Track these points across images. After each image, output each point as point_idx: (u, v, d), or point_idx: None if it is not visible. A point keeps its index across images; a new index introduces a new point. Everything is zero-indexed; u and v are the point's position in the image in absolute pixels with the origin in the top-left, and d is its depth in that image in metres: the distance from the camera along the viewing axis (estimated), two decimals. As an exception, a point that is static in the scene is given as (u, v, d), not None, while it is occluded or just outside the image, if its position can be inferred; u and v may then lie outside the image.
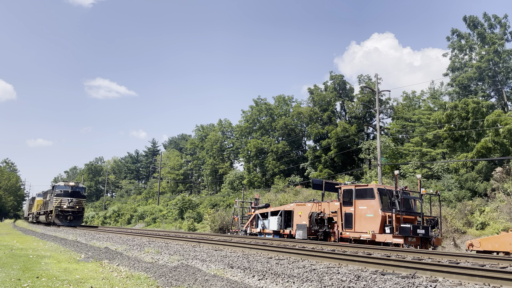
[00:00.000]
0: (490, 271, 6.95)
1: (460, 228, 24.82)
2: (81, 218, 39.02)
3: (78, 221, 38.21)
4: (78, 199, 38.13)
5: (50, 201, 38.87)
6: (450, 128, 32.95)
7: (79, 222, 38.64)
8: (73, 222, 37.11)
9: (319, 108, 51.93)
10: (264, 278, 7.15)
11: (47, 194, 43.78)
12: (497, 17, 40.84)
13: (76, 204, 37.65)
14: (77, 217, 37.84)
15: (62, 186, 38.30)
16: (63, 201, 36.98)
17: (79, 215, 38.18)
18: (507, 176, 27.07)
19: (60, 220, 36.36)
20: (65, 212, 36.79)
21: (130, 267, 9.26)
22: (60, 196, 37.18)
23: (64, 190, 37.65)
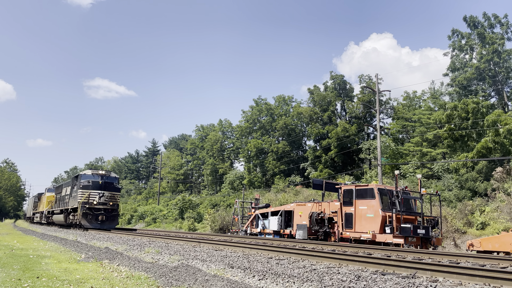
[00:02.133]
0: (490, 271, 6.94)
1: (460, 228, 24.81)
2: (116, 218, 29.48)
3: (113, 222, 28.84)
4: (112, 192, 28.88)
5: (71, 195, 30.19)
6: (450, 128, 32.94)
7: (114, 224, 29.13)
8: (105, 223, 28.02)
9: (319, 108, 51.93)
10: (265, 278, 7.14)
11: (62, 188, 35.30)
12: (497, 17, 40.83)
13: (109, 199, 28.46)
14: (111, 217, 28.51)
15: (90, 175, 29.06)
16: (92, 195, 27.91)
17: (113, 214, 28.76)
18: (507, 176, 27.06)
19: (88, 221, 27.32)
20: (95, 210, 27.65)
21: (131, 267, 9.26)
22: (88, 188, 28.01)
23: (93, 181, 28.46)
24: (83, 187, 28.14)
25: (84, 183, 28.37)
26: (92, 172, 29.43)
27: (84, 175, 29.16)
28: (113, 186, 29.21)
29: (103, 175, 29.39)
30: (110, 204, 28.36)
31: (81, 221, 27.33)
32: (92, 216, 27.58)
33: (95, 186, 28.32)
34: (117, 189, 29.64)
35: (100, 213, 27.77)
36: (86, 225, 27.39)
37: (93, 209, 27.67)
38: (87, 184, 28.32)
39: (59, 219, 34.08)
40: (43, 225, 42.85)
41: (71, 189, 30.69)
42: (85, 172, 29.70)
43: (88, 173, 29.34)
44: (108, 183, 29.01)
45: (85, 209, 27.39)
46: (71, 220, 30.22)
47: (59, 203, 35.09)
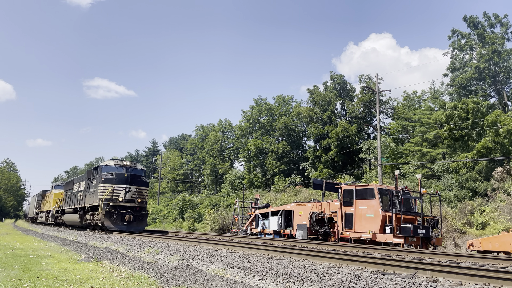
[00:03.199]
0: (490, 271, 6.94)
1: (460, 228, 24.81)
2: (145, 218, 24.41)
3: (141, 223, 23.94)
4: (139, 187, 23.97)
5: (88, 191, 25.61)
6: (450, 128, 32.94)
7: (143, 225, 24.22)
8: (133, 224, 23.26)
9: (319, 108, 51.95)
10: (265, 278, 7.14)
11: (74, 183, 30.61)
12: (498, 17, 40.81)
13: (137, 195, 23.63)
14: (139, 217, 23.60)
15: (112, 167, 24.12)
16: (117, 190, 23.10)
17: (142, 214, 23.79)
18: (507, 176, 27.06)
19: (113, 221, 22.54)
20: (120, 208, 22.81)
21: (131, 267, 9.26)
22: (111, 182, 23.23)
23: (116, 174, 23.61)
24: (105, 181, 23.19)
25: (106, 176, 23.37)
26: (115, 163, 24.37)
27: (106, 167, 23.99)
28: (140, 180, 24.23)
29: (128, 167, 24.35)
30: (138, 201, 23.32)
31: (103, 221, 22.32)
32: (117, 216, 22.52)
33: (119, 179, 23.32)
34: (145, 184, 24.57)
35: (126, 212, 22.76)
36: (109, 227, 22.40)
37: (118, 207, 22.64)
38: (110, 177, 23.33)
39: (72, 220, 29.10)
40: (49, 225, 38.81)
41: (88, 183, 25.87)
42: (106, 163, 24.34)
43: (110, 164, 24.20)
44: (135, 176, 24.03)
45: (108, 207, 22.40)
46: (88, 220, 25.25)
47: (70, 200, 30.40)
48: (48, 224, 40.61)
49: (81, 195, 27.42)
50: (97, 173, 24.45)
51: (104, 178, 23.40)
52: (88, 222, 25.42)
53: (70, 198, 30.70)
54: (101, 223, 22.87)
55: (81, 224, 27.15)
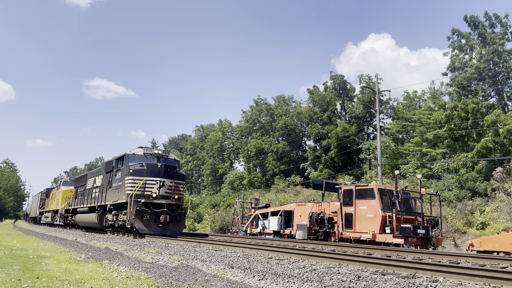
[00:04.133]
0: (490, 271, 6.94)
1: (460, 228, 24.82)
2: (183, 219, 20.30)
3: (179, 224, 19.76)
4: (175, 181, 19.76)
5: (110, 186, 21.45)
6: (450, 128, 32.96)
7: (181, 227, 19.99)
8: (169, 226, 19.19)
9: (319, 108, 51.98)
10: (265, 278, 7.14)
11: (87, 178, 26.76)
12: (498, 16, 40.81)
13: (173, 191, 19.49)
14: (177, 217, 19.49)
15: (141, 156, 20.13)
16: (150, 184, 18.98)
17: (179, 213, 19.68)
18: (507, 176, 27.07)
19: (145, 222, 18.48)
20: (154, 206, 18.75)
21: (131, 267, 9.26)
22: (141, 174, 19.09)
23: (148, 164, 19.48)
24: (134, 173, 19.02)
25: (135, 167, 19.21)
26: (144, 152, 20.26)
27: (133, 156, 19.94)
28: (176, 172, 20.02)
29: (159, 156, 20.41)
30: (175, 197, 19.21)
31: (133, 223, 18.15)
32: (151, 216, 18.47)
33: (152, 171, 19.18)
34: (181, 176, 20.33)
35: (161, 212, 18.67)
36: (141, 229, 18.28)
37: (151, 205, 18.58)
38: (139, 168, 19.18)
39: (88, 220, 24.76)
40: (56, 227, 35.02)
41: (108, 177, 21.92)
42: (133, 152, 20.21)
43: (138, 153, 20.15)
44: (170, 167, 19.81)
45: (139, 205, 18.25)
46: (111, 221, 20.97)
47: (83, 198, 26.49)
48: (54, 225, 36.64)
49: (97, 192, 23.55)
50: (123, 164, 20.25)
51: (133, 170, 19.06)
52: (111, 223, 21.10)
53: (83, 195, 26.77)
54: (130, 224, 18.45)
55: (101, 225, 22.78)
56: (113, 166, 21.72)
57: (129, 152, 20.40)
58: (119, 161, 21.12)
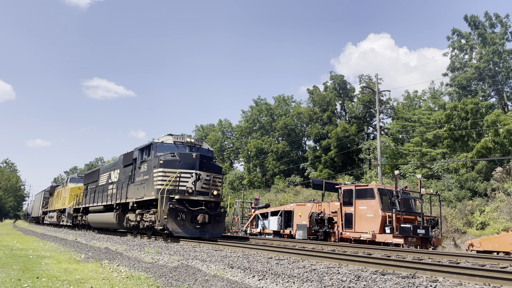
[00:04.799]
0: (490, 271, 6.95)
1: (460, 228, 24.83)
2: (223, 219, 17.38)
3: (218, 225, 16.86)
4: (213, 175, 16.98)
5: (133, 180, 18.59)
6: (450, 128, 32.98)
7: (220, 229, 17.05)
8: (208, 228, 16.31)
9: (319, 108, 52.01)
10: (264, 278, 7.14)
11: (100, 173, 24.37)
12: (499, 16, 40.79)
13: (211, 185, 16.74)
14: (216, 217, 16.63)
15: (171, 145, 17.40)
16: (184, 177, 16.22)
17: (219, 213, 16.77)
18: (507, 176, 27.08)
19: (179, 223, 15.65)
20: (190, 204, 15.90)
21: (130, 267, 9.26)
22: (173, 166, 16.32)
23: (181, 154, 16.63)
24: (165, 164, 16.20)
25: (166, 158, 16.34)
26: (174, 140, 17.49)
27: (162, 145, 17.19)
28: (212, 164, 17.22)
29: (192, 145, 17.74)
30: (213, 193, 16.36)
31: (166, 223, 15.33)
32: (186, 216, 15.57)
33: (186, 162, 16.28)
34: (218, 169, 17.50)
35: (199, 210, 15.76)
36: (176, 231, 15.41)
37: (187, 202, 15.69)
38: (171, 158, 16.34)
39: (104, 221, 21.78)
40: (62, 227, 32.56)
41: (132, 170, 18.99)
42: (162, 140, 17.46)
43: (168, 142, 17.40)
44: (206, 158, 16.97)
45: (172, 202, 15.38)
46: (134, 222, 18.06)
47: (96, 196, 23.94)
48: (60, 226, 33.95)
49: (113, 188, 21.04)
50: (149, 154, 17.49)
51: (164, 161, 16.23)
52: (134, 224, 18.22)
53: (95, 193, 24.35)
54: (161, 225, 15.61)
55: (120, 226, 19.91)
56: (135, 158, 18.87)
57: (157, 140, 17.53)
58: (145, 151, 18.08)
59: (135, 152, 19.20)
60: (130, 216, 18.70)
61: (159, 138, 17.81)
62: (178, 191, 15.91)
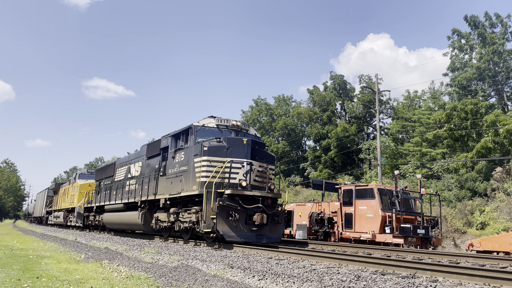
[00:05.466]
0: (490, 271, 6.95)
1: (460, 228, 24.84)
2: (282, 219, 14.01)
3: (276, 228, 13.77)
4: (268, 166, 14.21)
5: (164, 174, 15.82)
6: (450, 128, 33.00)
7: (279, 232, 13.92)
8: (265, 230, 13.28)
9: (319, 108, 52.03)
10: (264, 278, 7.15)
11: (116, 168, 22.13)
12: (499, 16, 40.77)
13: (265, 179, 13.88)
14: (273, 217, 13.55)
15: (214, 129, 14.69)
16: (235, 167, 13.31)
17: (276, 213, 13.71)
18: (507, 176, 27.09)
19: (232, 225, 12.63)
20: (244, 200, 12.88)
21: (130, 267, 9.26)
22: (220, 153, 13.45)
23: (230, 140, 13.74)
24: (211, 151, 13.34)
25: (211, 144, 13.54)
26: (217, 123, 14.70)
27: (203, 129, 14.39)
28: (265, 153, 14.44)
29: (238, 129, 14.92)
30: (270, 188, 13.54)
31: (216, 225, 12.40)
32: (240, 215, 12.69)
33: (235, 149, 13.44)
34: (271, 159, 14.63)
35: (255, 209, 12.86)
36: (227, 234, 12.47)
37: (240, 198, 12.78)
38: (218, 144, 13.55)
39: (125, 221, 19.09)
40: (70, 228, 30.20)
41: (162, 161, 16.26)
42: (203, 123, 14.62)
43: (210, 125, 14.62)
44: (259, 145, 14.22)
45: (222, 198, 12.57)
46: (167, 222, 15.34)
47: (112, 193, 21.45)
48: (68, 227, 31.42)
49: (135, 184, 18.57)
50: (187, 140, 14.63)
51: (209, 147, 13.35)
52: (166, 225, 15.41)
53: (111, 189, 21.87)
54: (207, 227, 12.62)
55: (146, 228, 17.21)
56: (165, 146, 16.18)
57: (196, 123, 14.55)
58: (181, 137, 15.13)
59: (163, 140, 16.53)
60: (160, 216, 15.94)
61: (199, 121, 14.74)
62: (228, 184, 12.88)
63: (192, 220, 13.69)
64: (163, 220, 15.83)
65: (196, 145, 13.94)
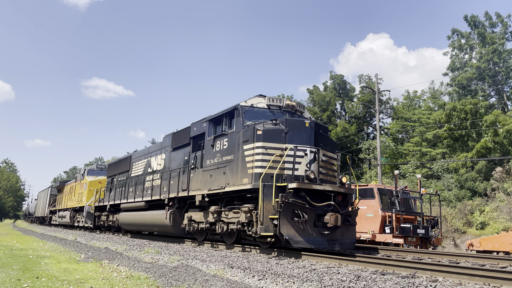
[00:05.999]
0: (490, 271, 6.95)
1: (460, 228, 24.84)
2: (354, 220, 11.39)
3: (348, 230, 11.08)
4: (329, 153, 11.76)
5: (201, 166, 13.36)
6: (450, 128, 33.00)
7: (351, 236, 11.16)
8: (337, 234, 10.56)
9: (318, 108, 52.01)
10: (264, 278, 7.14)
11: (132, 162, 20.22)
12: (500, 16, 40.75)
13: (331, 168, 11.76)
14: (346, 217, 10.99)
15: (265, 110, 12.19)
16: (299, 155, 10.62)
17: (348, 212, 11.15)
18: (507, 176, 27.10)
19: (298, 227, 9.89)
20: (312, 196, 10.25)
21: (130, 267, 9.26)
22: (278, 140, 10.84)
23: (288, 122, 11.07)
24: (266, 136, 10.98)
25: (266, 127, 11.15)
26: (269, 103, 12.39)
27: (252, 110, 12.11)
28: (329, 139, 12.45)
29: (293, 110, 12.66)
30: (342, 181, 11.57)
31: (280, 227, 9.87)
32: (309, 216, 10.15)
33: (296, 133, 11.09)
34: (335, 147, 12.69)
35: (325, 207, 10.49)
36: (294, 239, 9.92)
37: (307, 193, 10.38)
38: (274, 127, 11.16)
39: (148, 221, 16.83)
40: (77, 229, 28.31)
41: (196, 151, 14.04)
42: (252, 103, 12.29)
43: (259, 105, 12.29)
44: (323, 129, 12.27)
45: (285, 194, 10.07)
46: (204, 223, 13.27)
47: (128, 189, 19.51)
48: (75, 227, 29.27)
49: (157, 179, 16.64)
50: (231, 124, 12.34)
51: (263, 131, 10.90)
52: (204, 226, 13.31)
53: (127, 186, 19.82)
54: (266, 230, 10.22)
55: (176, 230, 14.91)
56: (199, 134, 14.04)
57: (243, 103, 12.17)
58: (223, 120, 12.68)
59: (194, 127, 14.38)
60: (195, 216, 13.82)
61: (247, 101, 12.30)
62: (292, 176, 10.33)
63: (241, 221, 11.35)
64: (198, 221, 13.64)
65: (245, 129, 11.52)
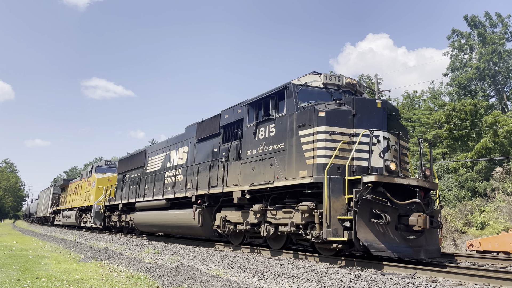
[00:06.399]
0: (490, 271, 6.96)
1: (460, 228, 24.83)
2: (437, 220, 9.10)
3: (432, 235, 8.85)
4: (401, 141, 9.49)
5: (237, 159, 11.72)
6: (450, 128, 33.01)
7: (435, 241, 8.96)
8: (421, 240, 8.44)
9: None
10: (264, 278, 7.14)
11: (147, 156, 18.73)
12: (500, 16, 40.74)
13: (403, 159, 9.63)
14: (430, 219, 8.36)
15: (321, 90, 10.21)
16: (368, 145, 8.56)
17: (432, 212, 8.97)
18: (507, 176, 27.10)
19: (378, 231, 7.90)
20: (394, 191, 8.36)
21: (130, 267, 9.26)
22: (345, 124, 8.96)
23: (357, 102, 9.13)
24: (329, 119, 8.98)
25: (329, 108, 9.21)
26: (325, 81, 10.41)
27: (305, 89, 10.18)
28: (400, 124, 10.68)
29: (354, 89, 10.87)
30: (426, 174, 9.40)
31: (357, 232, 7.88)
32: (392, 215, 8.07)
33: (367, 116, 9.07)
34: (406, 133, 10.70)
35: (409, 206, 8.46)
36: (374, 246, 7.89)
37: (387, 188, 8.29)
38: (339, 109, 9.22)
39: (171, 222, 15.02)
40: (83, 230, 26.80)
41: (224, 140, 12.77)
42: (306, 81, 10.25)
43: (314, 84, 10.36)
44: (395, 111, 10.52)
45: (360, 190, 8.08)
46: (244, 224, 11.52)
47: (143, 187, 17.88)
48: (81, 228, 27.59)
49: (181, 174, 14.92)
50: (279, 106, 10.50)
51: (326, 112, 9.10)
52: (244, 228, 11.51)
53: (141, 183, 18.19)
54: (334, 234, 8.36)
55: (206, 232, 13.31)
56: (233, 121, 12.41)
57: (296, 81, 10.30)
58: (270, 103, 10.74)
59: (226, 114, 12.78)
60: (230, 216, 12.09)
61: (299, 78, 10.36)
62: (368, 168, 8.59)
63: (296, 223, 9.56)
64: (234, 222, 11.90)
65: (299, 111, 9.63)
